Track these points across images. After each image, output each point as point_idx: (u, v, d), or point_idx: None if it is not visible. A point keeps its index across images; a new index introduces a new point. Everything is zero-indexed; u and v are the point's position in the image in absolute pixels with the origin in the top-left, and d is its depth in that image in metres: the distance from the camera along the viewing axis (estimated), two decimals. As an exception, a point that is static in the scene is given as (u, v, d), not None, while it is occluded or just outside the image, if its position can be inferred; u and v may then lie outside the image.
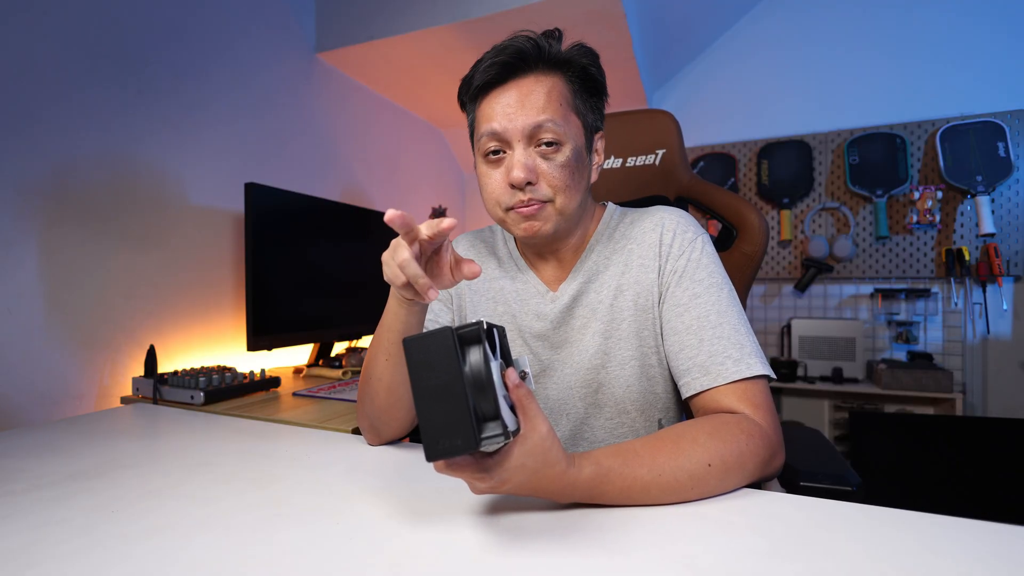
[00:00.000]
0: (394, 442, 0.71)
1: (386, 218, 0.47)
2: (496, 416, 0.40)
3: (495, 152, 0.63)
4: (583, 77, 0.65)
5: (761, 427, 0.54)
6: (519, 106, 0.61)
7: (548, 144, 0.61)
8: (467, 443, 0.37)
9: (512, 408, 0.43)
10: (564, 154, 0.62)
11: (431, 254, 0.54)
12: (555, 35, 0.64)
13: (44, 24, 1.08)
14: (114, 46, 1.21)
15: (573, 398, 0.69)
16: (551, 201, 0.63)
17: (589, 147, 0.68)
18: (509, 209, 0.63)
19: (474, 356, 0.41)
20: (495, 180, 0.64)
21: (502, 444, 0.41)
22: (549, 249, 0.71)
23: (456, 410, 0.37)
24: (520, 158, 0.61)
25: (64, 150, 1.11)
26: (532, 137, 0.61)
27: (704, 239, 0.67)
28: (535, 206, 0.62)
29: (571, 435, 0.70)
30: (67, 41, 1.12)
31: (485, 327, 0.41)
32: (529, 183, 0.61)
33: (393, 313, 0.59)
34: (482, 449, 0.40)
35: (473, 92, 0.65)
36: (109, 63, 1.20)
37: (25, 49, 1.05)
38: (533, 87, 0.62)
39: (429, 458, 0.38)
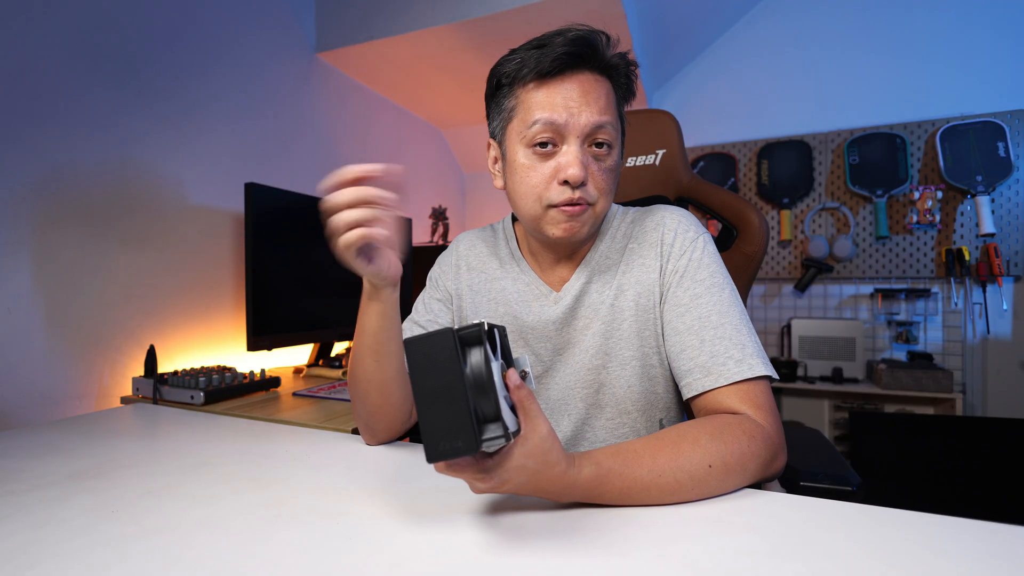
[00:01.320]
0: (394, 442, 0.71)
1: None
2: (497, 417, 0.40)
3: (544, 144, 0.61)
4: (625, 85, 0.65)
5: (763, 428, 0.53)
6: (583, 101, 0.59)
7: (600, 145, 0.61)
8: (468, 445, 0.37)
9: (513, 408, 0.43)
10: (613, 158, 0.62)
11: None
12: (605, 40, 0.62)
13: (44, 26, 1.08)
14: (114, 47, 1.21)
15: (574, 398, 0.69)
16: (593, 204, 0.62)
17: (622, 150, 0.68)
18: (551, 207, 0.62)
19: (475, 357, 0.41)
20: (541, 173, 0.61)
21: (503, 445, 0.41)
22: (565, 251, 0.70)
23: (457, 411, 0.37)
24: (578, 155, 0.59)
25: (65, 151, 1.11)
26: (589, 136, 0.60)
27: (705, 238, 0.67)
28: (581, 207, 0.61)
29: (572, 435, 0.70)
30: (67, 42, 1.12)
31: (486, 328, 0.41)
32: (582, 183, 0.60)
33: (369, 311, 0.61)
34: (483, 450, 0.40)
35: (530, 76, 0.61)
36: (109, 64, 1.20)
37: (25, 51, 1.05)
38: (594, 85, 0.60)
39: (430, 459, 0.38)
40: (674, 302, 0.64)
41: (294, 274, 1.36)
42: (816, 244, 2.34)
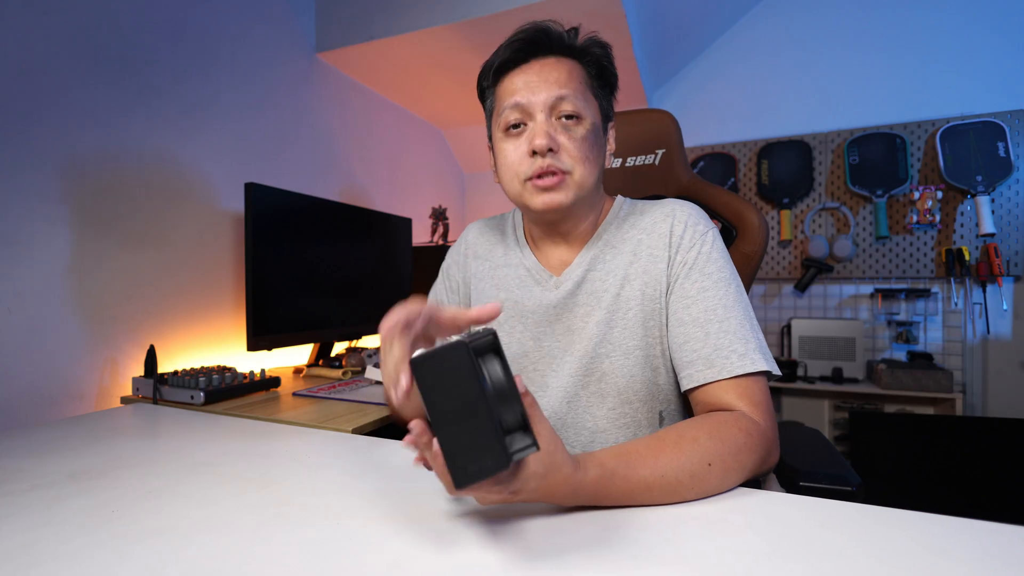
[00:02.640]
0: (394, 443, 0.71)
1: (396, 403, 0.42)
2: (520, 426, 0.38)
3: (516, 125, 0.65)
4: (598, 67, 0.68)
5: (758, 425, 0.54)
6: (541, 80, 0.64)
7: (569, 116, 0.64)
8: (498, 462, 0.34)
9: None
10: (584, 127, 0.65)
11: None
12: (572, 32, 0.67)
13: (44, 24, 1.08)
14: (115, 46, 1.21)
15: (574, 386, 0.69)
16: (570, 172, 0.64)
17: (604, 130, 0.70)
18: (528, 180, 0.65)
19: (493, 367, 0.38)
20: (516, 151, 0.65)
21: (532, 453, 0.38)
22: (560, 230, 0.71)
23: (482, 430, 0.34)
24: (542, 125, 0.63)
25: (65, 150, 1.11)
26: (554, 109, 0.64)
27: (714, 233, 0.68)
28: (555, 178, 0.63)
29: (572, 424, 0.69)
30: (67, 41, 1.12)
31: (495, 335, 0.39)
32: (550, 150, 0.63)
33: None
34: (508, 465, 0.36)
35: (496, 71, 0.67)
36: (110, 63, 1.20)
37: (25, 49, 1.05)
38: (554, 65, 0.65)
39: (460, 486, 0.35)
40: (680, 294, 0.65)
41: (294, 274, 1.36)
42: (816, 244, 2.34)
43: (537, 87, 0.63)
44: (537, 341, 0.71)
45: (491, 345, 0.38)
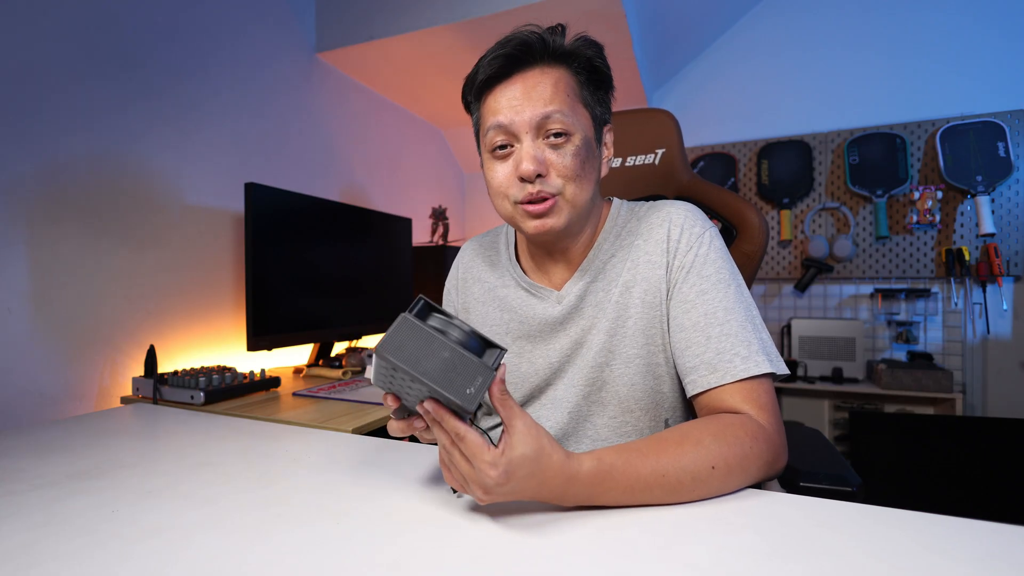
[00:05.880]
0: (394, 442, 0.71)
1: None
2: (487, 345, 0.46)
3: (502, 147, 0.62)
4: (589, 69, 0.65)
5: (765, 429, 0.54)
6: (525, 98, 0.60)
7: (557, 135, 0.61)
8: (485, 376, 0.43)
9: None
10: (573, 144, 0.61)
11: None
12: (559, 30, 0.63)
13: (42, 23, 1.08)
14: (113, 45, 1.21)
15: (576, 395, 0.68)
16: (561, 193, 0.62)
17: (598, 139, 0.67)
18: (518, 203, 0.63)
19: (437, 321, 0.45)
20: (503, 174, 0.63)
21: (504, 354, 0.47)
22: (559, 247, 0.70)
23: (461, 363, 0.42)
24: (529, 150, 0.60)
25: (64, 149, 1.11)
26: (540, 129, 0.61)
27: (712, 233, 0.66)
28: (546, 203, 0.61)
29: (573, 432, 0.69)
30: (66, 40, 1.12)
31: (424, 300, 0.46)
32: (539, 175, 0.60)
33: None
34: (496, 372, 0.44)
35: (478, 88, 0.64)
36: (108, 62, 1.20)
37: (24, 48, 1.05)
38: (539, 79, 0.61)
39: (469, 405, 0.42)
40: (680, 298, 0.64)
41: (294, 274, 1.36)
42: (816, 244, 2.34)
43: (521, 106, 0.60)
44: (547, 358, 0.71)
45: (426, 307, 0.46)
